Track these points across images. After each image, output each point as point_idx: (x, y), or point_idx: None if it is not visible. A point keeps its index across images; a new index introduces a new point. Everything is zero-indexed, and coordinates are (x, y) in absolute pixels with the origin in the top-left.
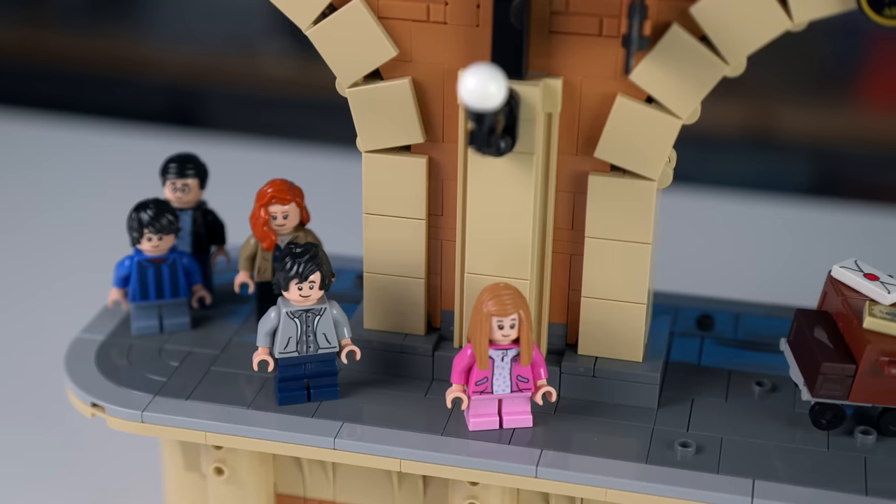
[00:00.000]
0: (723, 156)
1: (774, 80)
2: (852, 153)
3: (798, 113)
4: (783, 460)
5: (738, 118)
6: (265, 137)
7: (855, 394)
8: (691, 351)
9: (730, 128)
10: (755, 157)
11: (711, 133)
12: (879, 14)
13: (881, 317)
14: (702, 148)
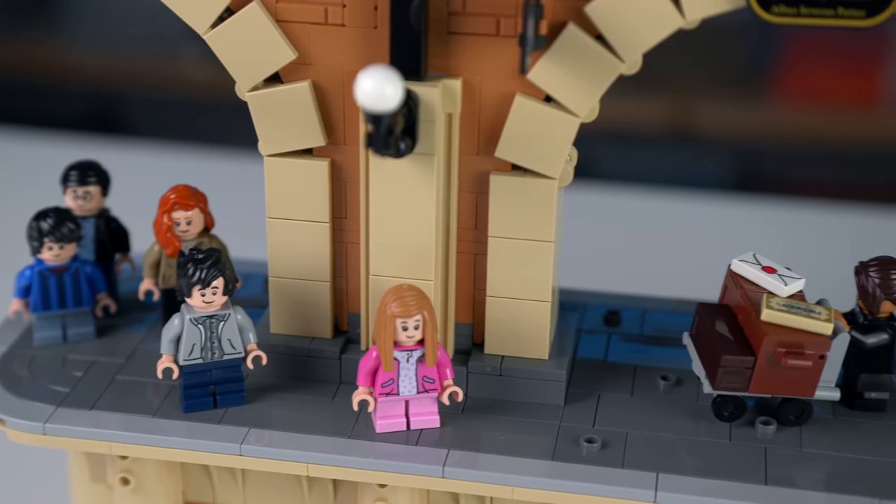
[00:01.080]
0: (646, 153)
1: (695, 78)
2: (771, 148)
3: (718, 109)
4: (687, 453)
5: (661, 115)
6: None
7: (754, 385)
8: (598, 347)
9: (652, 125)
10: (677, 154)
11: (634, 130)
12: (767, 11)
13: (778, 309)
14: (625, 145)
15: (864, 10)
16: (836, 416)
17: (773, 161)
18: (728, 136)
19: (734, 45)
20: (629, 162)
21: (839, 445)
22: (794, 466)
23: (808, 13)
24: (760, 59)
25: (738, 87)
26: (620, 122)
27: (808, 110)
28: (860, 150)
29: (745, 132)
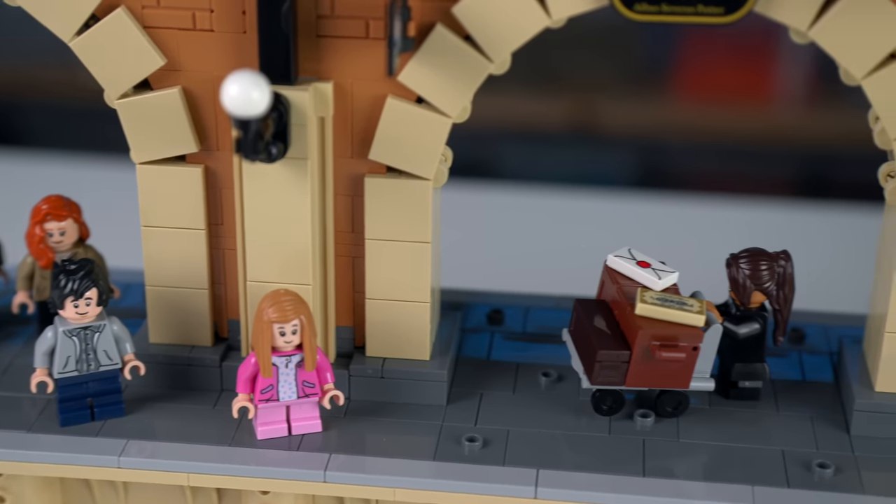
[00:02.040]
0: (550, 151)
1: (597, 75)
2: (672, 144)
3: (620, 106)
4: (568, 448)
5: (564, 113)
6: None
7: (631, 379)
8: (481, 346)
9: (556, 123)
10: (581, 152)
11: (538, 129)
12: (630, 9)
13: (652, 302)
14: (529, 144)
15: (722, 7)
16: (712, 405)
17: (675, 156)
18: (630, 133)
19: (634, 43)
20: (534, 161)
21: (715, 435)
22: (671, 457)
23: (670, 10)
24: (659, 56)
25: (639, 84)
26: (524, 121)
27: (705, 106)
28: (755, 145)
29: (647, 129)
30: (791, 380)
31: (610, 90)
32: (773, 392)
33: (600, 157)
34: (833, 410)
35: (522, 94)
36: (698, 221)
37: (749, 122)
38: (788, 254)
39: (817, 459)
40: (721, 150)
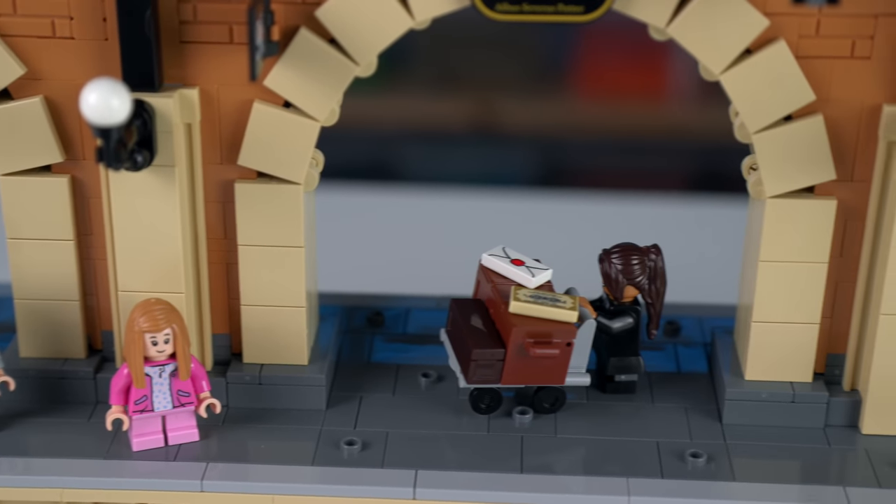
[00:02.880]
0: (452, 152)
1: (497, 75)
2: (572, 142)
3: (520, 106)
4: (448, 447)
5: (465, 114)
6: None
7: (507, 377)
8: (362, 349)
9: (457, 124)
10: (483, 151)
11: (440, 130)
12: (492, 10)
13: (525, 300)
14: (431, 145)
15: (582, 6)
16: (589, 400)
17: (574, 154)
18: (531, 132)
19: (533, 42)
20: (436, 162)
21: (593, 429)
22: (549, 452)
23: (531, 10)
24: (558, 55)
25: (538, 83)
26: (425, 123)
27: (603, 104)
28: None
29: (547, 127)
30: (667, 372)
31: (510, 90)
32: (649, 384)
33: (502, 157)
34: (707, 400)
35: (424, 95)
36: (598, 218)
37: (645, 118)
38: (659, 248)
39: (690, 449)
40: (619, 147)
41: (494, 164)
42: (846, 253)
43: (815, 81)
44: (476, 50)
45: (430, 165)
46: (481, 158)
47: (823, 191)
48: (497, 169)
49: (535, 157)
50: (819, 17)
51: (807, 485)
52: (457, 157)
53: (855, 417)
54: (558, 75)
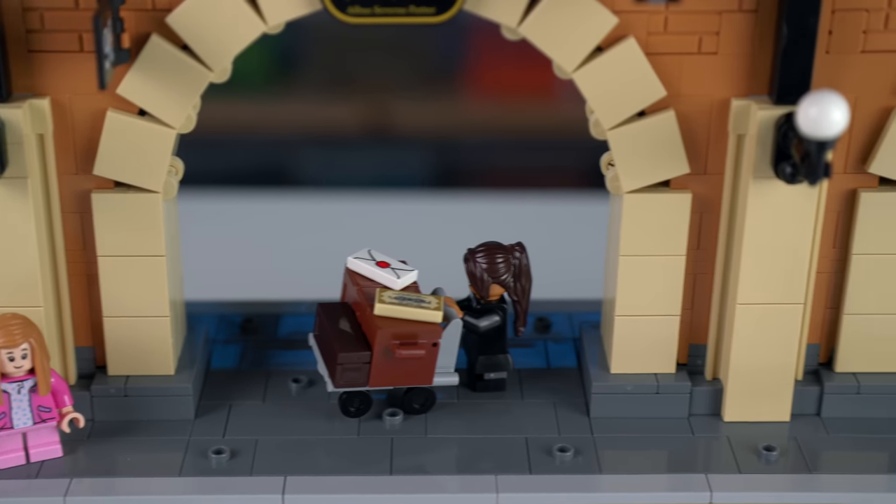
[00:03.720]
0: (346, 155)
1: (390, 77)
2: (466, 142)
3: (413, 107)
4: (318, 452)
5: (359, 117)
6: None
7: (374, 379)
8: (233, 357)
9: (351, 127)
10: (378, 154)
11: (333, 133)
12: (343, 13)
13: (390, 302)
14: (326, 149)
15: (434, 7)
16: (460, 399)
17: (469, 154)
18: (425, 133)
19: (424, 43)
20: (331, 165)
21: (463, 427)
22: (420, 453)
23: (382, 12)
24: (450, 55)
25: (431, 85)
26: (319, 126)
27: (495, 103)
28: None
29: (441, 128)
30: (537, 368)
31: (403, 91)
32: (518, 381)
33: (397, 159)
34: (576, 395)
35: (317, 99)
36: (492, 217)
37: (537, 116)
38: (523, 245)
39: (558, 444)
40: (512, 146)
41: (390, 167)
42: (703, 245)
43: (665, 77)
44: (368, 52)
45: (326, 169)
46: (376, 161)
47: (679, 184)
48: (392, 171)
49: (430, 158)
50: (666, 14)
51: (672, 474)
52: (352, 161)
53: (717, 406)
54: (450, 76)
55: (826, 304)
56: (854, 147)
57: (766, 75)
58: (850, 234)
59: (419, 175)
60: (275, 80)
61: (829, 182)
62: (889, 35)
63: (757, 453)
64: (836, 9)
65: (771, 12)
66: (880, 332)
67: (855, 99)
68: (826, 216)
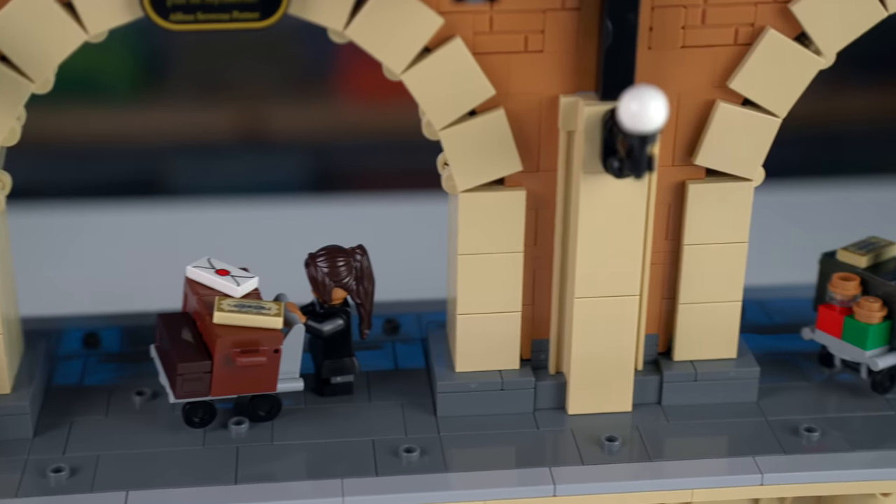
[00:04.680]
0: (220, 162)
1: (261, 82)
2: (342, 145)
3: (287, 112)
4: (162, 465)
5: (231, 122)
6: None
7: (216, 388)
8: (74, 372)
9: (224, 133)
10: (252, 160)
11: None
12: (166, 20)
13: (230, 310)
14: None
15: (258, 12)
16: (307, 404)
17: (345, 157)
18: (300, 138)
19: (295, 47)
20: (206, 173)
21: (311, 433)
22: (266, 461)
23: (206, 18)
24: (321, 58)
25: (304, 88)
26: (190, 133)
27: (368, 105)
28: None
29: (316, 132)
30: (385, 370)
31: (276, 96)
32: (367, 384)
33: (272, 164)
34: (423, 395)
35: (188, 106)
36: (369, 219)
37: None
38: (364, 248)
39: (405, 444)
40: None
41: (265, 172)
42: (540, 241)
43: (493, 76)
44: (238, 58)
45: (200, 177)
46: (252, 167)
47: (513, 182)
48: (268, 177)
49: (306, 162)
50: (491, 14)
51: (516, 469)
52: (226, 168)
53: (562, 399)
54: (323, 79)
55: (662, 295)
56: (680, 140)
57: (593, 72)
58: (682, 226)
59: (295, 180)
60: (142, 87)
61: (659, 175)
62: (707, 30)
63: (600, 444)
64: (656, 5)
65: (593, 9)
66: (714, 319)
67: (678, 93)
68: (657, 208)
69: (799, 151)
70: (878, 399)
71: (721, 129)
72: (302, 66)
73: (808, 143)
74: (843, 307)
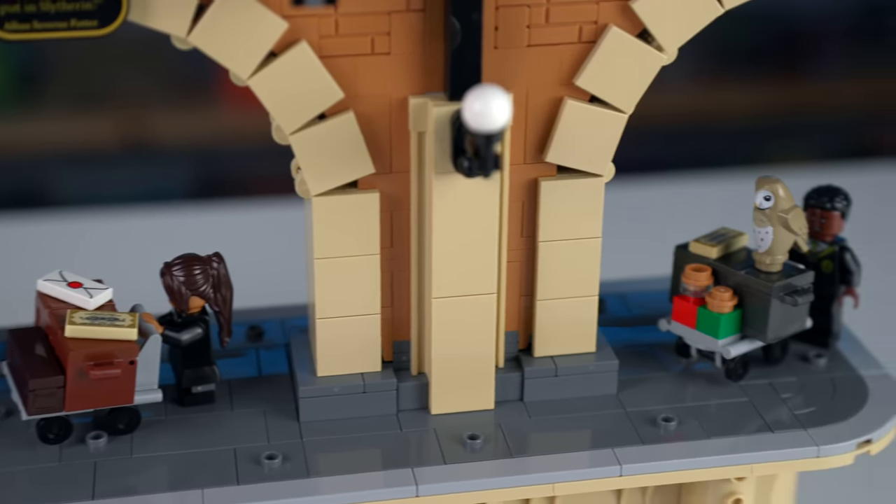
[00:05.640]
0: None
1: (142, 90)
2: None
3: (170, 119)
4: (20, 483)
5: (114, 132)
6: None
7: (70, 403)
8: None
9: (106, 142)
10: (135, 169)
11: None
12: (1, 29)
13: (82, 323)
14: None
15: (96, 20)
16: (169, 415)
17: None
18: (184, 144)
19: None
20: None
21: (172, 444)
22: (125, 475)
23: (42, 27)
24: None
25: (186, 95)
26: (72, 143)
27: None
28: None
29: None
30: (248, 377)
31: (158, 104)
32: (229, 392)
33: (158, 172)
34: (287, 401)
35: (69, 116)
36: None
37: None
38: (221, 255)
39: (267, 452)
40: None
41: (151, 181)
42: (396, 243)
43: (342, 79)
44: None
45: (84, 188)
46: (136, 176)
47: (366, 184)
48: (154, 185)
49: (192, 169)
50: (337, 17)
51: (378, 471)
52: (111, 177)
53: (424, 400)
54: (206, 85)
55: (520, 292)
56: (530, 138)
57: (441, 72)
58: (536, 223)
59: (181, 187)
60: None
61: (511, 173)
62: (551, 29)
63: (462, 443)
64: (500, 5)
65: (439, 10)
66: (572, 315)
67: (526, 92)
68: (511, 206)
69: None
70: (733, 386)
71: (569, 126)
72: (185, 72)
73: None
74: (696, 298)
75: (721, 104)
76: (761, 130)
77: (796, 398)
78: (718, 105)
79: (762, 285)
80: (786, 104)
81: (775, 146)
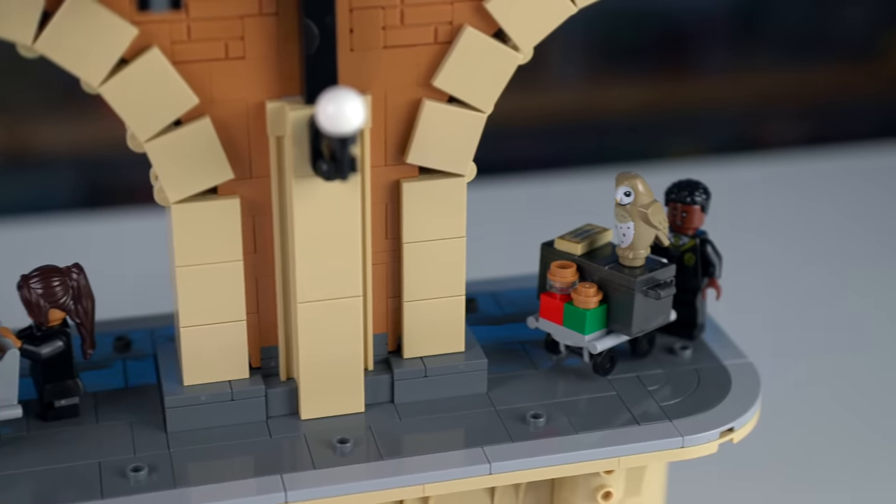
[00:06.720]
0: None
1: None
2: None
3: (52, 128)
4: None
5: None
6: None
7: None
8: None
9: None
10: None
11: None
12: None
13: None
14: None
15: None
16: (31, 431)
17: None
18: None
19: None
20: None
21: (35, 460)
22: None
23: None
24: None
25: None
26: None
27: None
28: None
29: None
30: (114, 389)
31: (38, 113)
32: (94, 405)
33: (40, 182)
34: (154, 412)
35: None
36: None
37: None
38: (80, 266)
39: (132, 464)
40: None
41: (34, 191)
42: (260, 248)
43: (196, 85)
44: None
45: None
46: (18, 186)
47: (226, 190)
48: (37, 195)
49: (75, 178)
50: (189, 22)
51: (247, 479)
52: None
53: (294, 405)
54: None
55: (388, 294)
56: (391, 140)
57: (297, 76)
58: (400, 224)
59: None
60: None
61: (373, 175)
62: (407, 30)
63: (332, 447)
64: (354, 7)
65: (292, 14)
66: (439, 315)
67: (384, 93)
68: (374, 208)
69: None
70: (601, 381)
71: (429, 126)
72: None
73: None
74: (562, 294)
75: (606, 101)
76: (645, 127)
77: (663, 390)
78: (603, 102)
79: (625, 280)
80: (670, 100)
81: (662, 142)
